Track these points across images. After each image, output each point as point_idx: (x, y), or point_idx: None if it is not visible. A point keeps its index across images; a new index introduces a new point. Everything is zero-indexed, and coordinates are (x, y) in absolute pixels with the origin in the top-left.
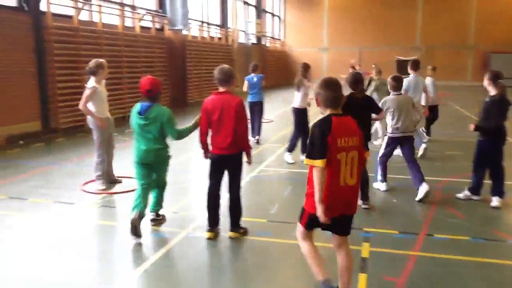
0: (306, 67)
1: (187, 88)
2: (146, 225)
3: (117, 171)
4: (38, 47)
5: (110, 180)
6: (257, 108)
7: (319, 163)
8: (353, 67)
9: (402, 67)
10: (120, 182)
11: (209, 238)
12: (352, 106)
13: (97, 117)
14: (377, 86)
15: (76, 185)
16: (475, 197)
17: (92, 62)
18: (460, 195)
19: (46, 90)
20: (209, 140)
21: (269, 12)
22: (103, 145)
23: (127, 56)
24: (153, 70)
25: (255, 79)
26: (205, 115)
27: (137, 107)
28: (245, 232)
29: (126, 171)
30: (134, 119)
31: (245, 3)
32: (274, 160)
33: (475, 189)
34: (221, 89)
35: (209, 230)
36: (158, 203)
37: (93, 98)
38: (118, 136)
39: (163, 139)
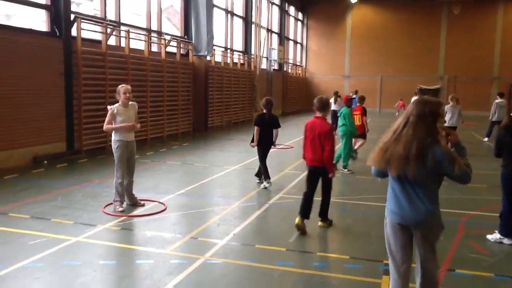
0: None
1: (208, 113)
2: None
3: (139, 194)
4: (67, 71)
5: (132, 202)
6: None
7: None
8: None
9: (424, 95)
10: (142, 205)
11: None
12: (263, 122)
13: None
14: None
15: (97, 206)
16: (506, 241)
17: None
18: (490, 237)
19: (72, 112)
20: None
21: (292, 40)
22: (120, 167)
23: (152, 81)
24: (177, 94)
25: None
26: (304, 133)
27: (346, 107)
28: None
29: (148, 195)
30: (349, 111)
31: (268, 30)
32: (294, 186)
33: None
34: (317, 114)
35: None
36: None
37: (112, 119)
38: (140, 159)
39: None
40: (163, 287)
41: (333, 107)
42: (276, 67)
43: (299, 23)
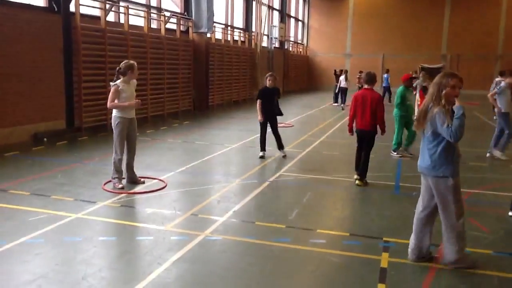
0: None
1: (209, 91)
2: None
3: (139, 172)
4: (66, 47)
5: (132, 180)
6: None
7: None
8: None
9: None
10: (143, 182)
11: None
12: (266, 93)
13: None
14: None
15: (97, 183)
16: None
17: (123, 63)
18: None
19: (71, 89)
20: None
21: (293, 17)
22: (120, 144)
23: (152, 58)
24: (177, 72)
25: (385, 75)
26: (354, 103)
27: (403, 86)
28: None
29: (148, 172)
30: (405, 91)
31: (269, 7)
32: (293, 165)
33: None
34: (366, 86)
35: None
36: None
37: (116, 96)
38: (140, 136)
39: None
40: (163, 263)
41: (342, 84)
42: (277, 45)
43: (301, 0)
